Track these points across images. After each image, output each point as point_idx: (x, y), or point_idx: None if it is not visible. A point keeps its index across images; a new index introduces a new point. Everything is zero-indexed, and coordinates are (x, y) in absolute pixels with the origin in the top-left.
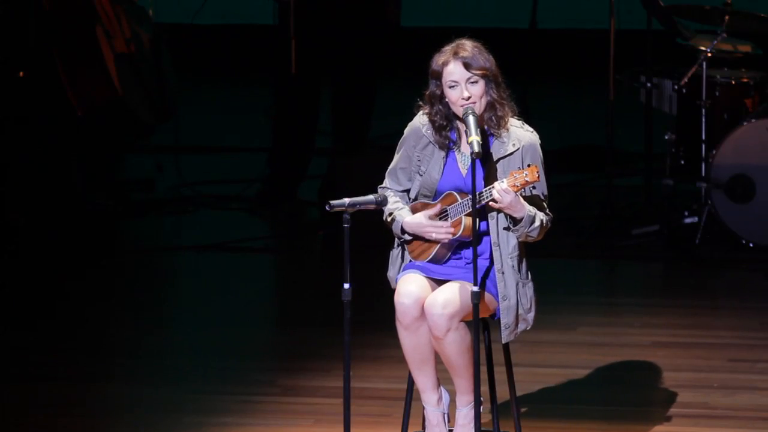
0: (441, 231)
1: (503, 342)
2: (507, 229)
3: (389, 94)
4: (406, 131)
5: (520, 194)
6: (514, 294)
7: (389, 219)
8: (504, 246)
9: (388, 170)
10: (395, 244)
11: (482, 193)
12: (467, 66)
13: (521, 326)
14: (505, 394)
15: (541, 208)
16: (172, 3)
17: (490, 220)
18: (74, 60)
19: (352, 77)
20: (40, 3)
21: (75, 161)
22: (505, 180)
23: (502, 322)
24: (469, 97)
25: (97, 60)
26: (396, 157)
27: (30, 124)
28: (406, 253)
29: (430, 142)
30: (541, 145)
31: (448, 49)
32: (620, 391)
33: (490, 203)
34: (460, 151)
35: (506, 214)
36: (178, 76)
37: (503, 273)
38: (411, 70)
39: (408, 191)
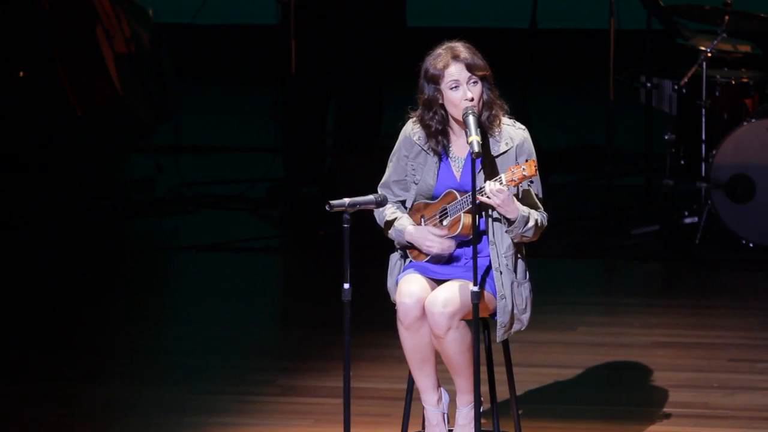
0: (444, 249)
1: (497, 341)
2: (501, 223)
3: (390, 94)
4: (397, 143)
5: (515, 192)
6: (509, 293)
7: (390, 232)
8: (499, 244)
9: (380, 183)
10: (399, 252)
11: (482, 189)
12: (469, 67)
13: (515, 326)
14: (505, 394)
15: (535, 207)
16: (172, 3)
17: (487, 218)
18: (74, 60)
19: (357, 79)
20: (40, 3)
21: (75, 161)
22: (502, 176)
23: (498, 321)
24: (472, 98)
25: (97, 60)
26: (388, 170)
27: (30, 124)
28: (405, 261)
29: (423, 149)
30: (538, 145)
31: (442, 52)
32: (620, 391)
33: (484, 201)
34: (452, 155)
35: (501, 215)
36: (178, 76)
37: (500, 272)
38: (411, 69)
39: (404, 201)
